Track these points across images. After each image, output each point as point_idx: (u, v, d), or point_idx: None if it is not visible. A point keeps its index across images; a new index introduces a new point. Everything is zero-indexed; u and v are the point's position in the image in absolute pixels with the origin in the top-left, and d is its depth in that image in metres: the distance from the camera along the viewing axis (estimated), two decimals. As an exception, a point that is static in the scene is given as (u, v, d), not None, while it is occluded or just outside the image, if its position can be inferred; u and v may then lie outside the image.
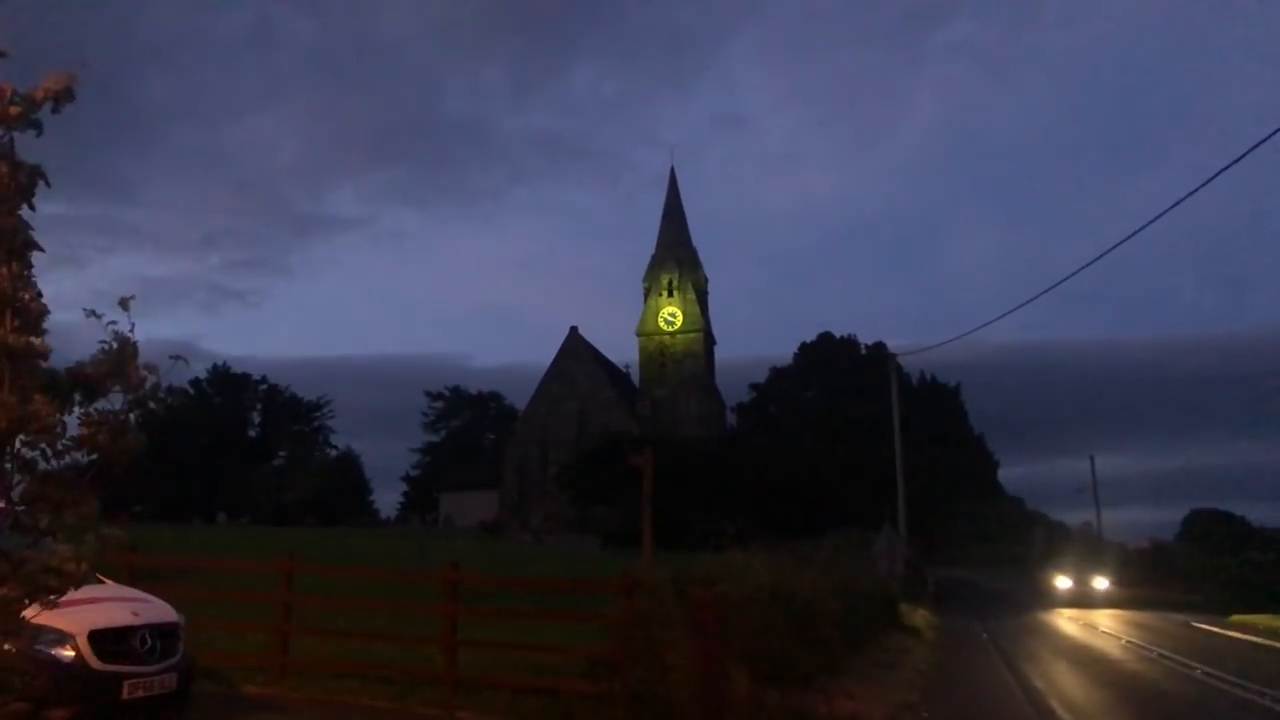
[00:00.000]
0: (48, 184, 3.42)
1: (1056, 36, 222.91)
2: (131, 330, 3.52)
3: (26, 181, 3.36)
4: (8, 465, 3.35)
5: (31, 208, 3.40)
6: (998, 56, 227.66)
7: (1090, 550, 42.85)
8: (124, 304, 3.50)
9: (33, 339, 3.34)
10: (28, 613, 3.45)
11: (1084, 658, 19.43)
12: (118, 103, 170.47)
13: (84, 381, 3.50)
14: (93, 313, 3.49)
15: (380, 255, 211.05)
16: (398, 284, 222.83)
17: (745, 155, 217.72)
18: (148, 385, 3.60)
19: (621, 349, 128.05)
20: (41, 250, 3.43)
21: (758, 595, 11.72)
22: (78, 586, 3.51)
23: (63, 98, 3.40)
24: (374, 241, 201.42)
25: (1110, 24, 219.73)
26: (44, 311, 3.42)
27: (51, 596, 3.41)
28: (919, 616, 25.60)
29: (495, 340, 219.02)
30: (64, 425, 3.44)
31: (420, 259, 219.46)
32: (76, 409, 3.53)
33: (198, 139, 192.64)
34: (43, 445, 3.39)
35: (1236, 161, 15.56)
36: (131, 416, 3.57)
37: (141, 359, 3.56)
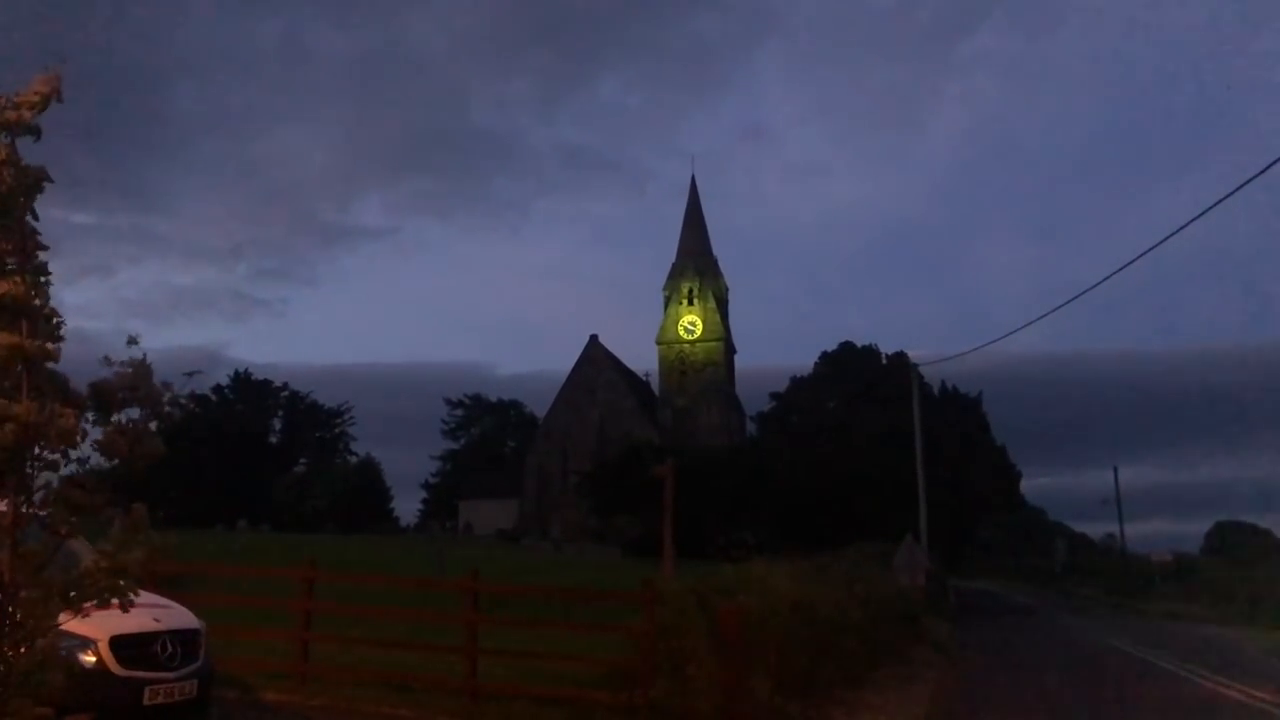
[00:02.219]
0: (50, 180, 3.43)
1: (1082, 46, 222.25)
2: (144, 358, 3.62)
3: (31, 183, 3.37)
4: (30, 469, 3.36)
5: (35, 216, 3.42)
6: (1024, 67, 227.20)
7: None
8: (132, 341, 3.61)
9: (47, 344, 3.35)
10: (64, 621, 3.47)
11: None
12: (148, 114, 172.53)
13: (104, 396, 3.54)
14: (133, 339, 3.62)
15: (406, 265, 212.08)
16: (423, 293, 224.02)
17: (769, 166, 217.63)
18: (165, 399, 3.66)
19: (644, 358, 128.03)
20: (46, 248, 3.44)
21: (779, 607, 11.64)
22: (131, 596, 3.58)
23: (51, 99, 3.42)
24: (400, 251, 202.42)
25: (1137, 33, 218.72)
26: (56, 316, 3.44)
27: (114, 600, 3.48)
28: (941, 630, 25.39)
29: (520, 349, 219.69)
30: (84, 431, 3.46)
31: (446, 269, 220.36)
32: (94, 423, 3.57)
33: (226, 150, 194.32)
34: (62, 450, 3.40)
35: (1263, 172, 15.37)
36: (151, 425, 3.61)
37: (159, 376, 3.65)
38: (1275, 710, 13.83)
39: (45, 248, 3.45)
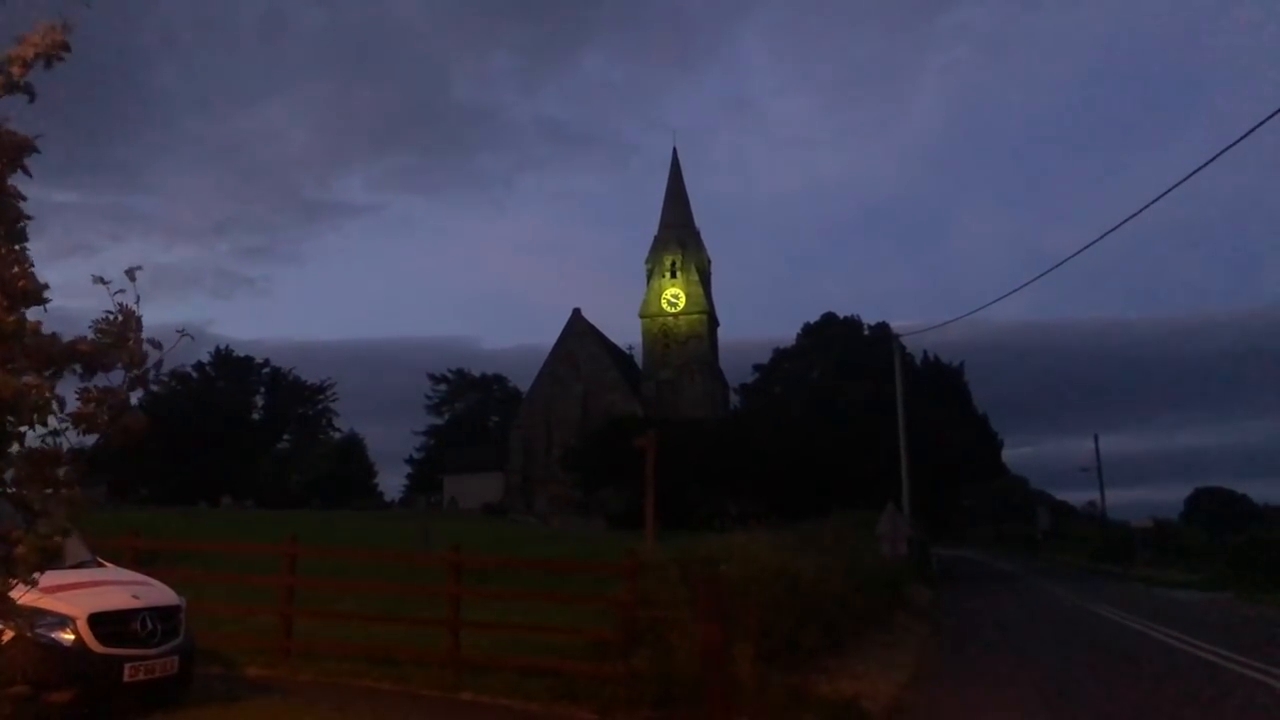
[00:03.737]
0: (36, 151, 3.30)
1: (1062, 19, 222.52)
2: (136, 303, 3.40)
3: (14, 150, 3.25)
4: (11, 448, 3.29)
5: (27, 174, 3.29)
6: (1004, 40, 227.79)
7: None
8: (130, 274, 3.37)
9: (25, 318, 3.25)
10: (21, 596, 3.40)
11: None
12: (129, 92, 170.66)
13: (82, 355, 3.40)
14: (99, 279, 3.36)
15: (390, 241, 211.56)
16: (408, 269, 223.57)
17: (752, 139, 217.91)
18: (150, 361, 3.51)
19: (628, 331, 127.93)
20: (29, 218, 3.32)
21: (761, 575, 11.70)
22: (53, 563, 3.45)
23: (54, 53, 3.26)
24: (383, 227, 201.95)
25: (1116, 6, 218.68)
26: (37, 288, 3.32)
27: (35, 575, 3.35)
28: (924, 596, 25.62)
29: (504, 323, 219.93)
30: (60, 402, 3.36)
31: (430, 244, 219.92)
32: (80, 376, 3.43)
33: (208, 127, 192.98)
34: (34, 424, 3.31)
35: (1237, 143, 15.37)
36: (132, 395, 3.48)
37: (146, 334, 3.46)
38: (1240, 668, 14.07)
39: (28, 218, 3.30)
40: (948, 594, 29.92)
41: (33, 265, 3.31)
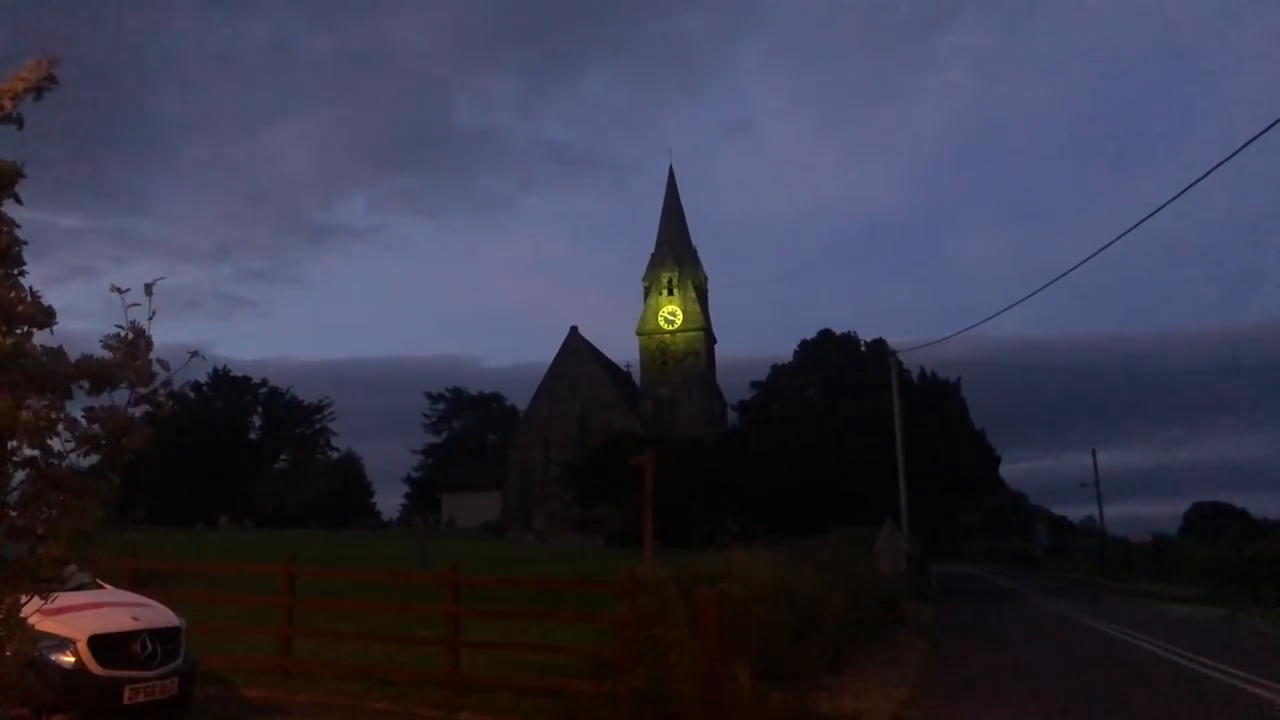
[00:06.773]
0: (22, 176, 3.33)
1: (1057, 40, 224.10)
2: (151, 319, 3.39)
3: (4, 179, 3.29)
4: (4, 468, 3.30)
5: (18, 200, 3.32)
6: (1000, 61, 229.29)
7: None
8: (148, 289, 3.35)
9: (22, 341, 3.27)
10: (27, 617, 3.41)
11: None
12: (134, 117, 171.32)
13: (88, 372, 3.41)
14: (116, 288, 3.32)
15: (392, 263, 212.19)
16: (409, 290, 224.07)
17: (751, 159, 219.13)
18: (159, 380, 3.52)
19: (627, 349, 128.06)
20: (24, 242, 3.34)
21: (761, 593, 11.70)
22: (67, 585, 3.47)
23: (44, 86, 3.31)
24: (385, 249, 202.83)
25: (1110, 26, 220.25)
26: (41, 312, 3.33)
27: (49, 598, 3.37)
28: (922, 613, 25.57)
29: (505, 342, 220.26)
30: (65, 421, 3.37)
31: (432, 266, 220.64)
32: (87, 393, 3.44)
33: (212, 152, 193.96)
34: (38, 448, 3.32)
35: (1230, 158, 15.45)
36: (135, 413, 3.49)
37: (155, 354, 3.47)
38: (1237, 682, 14.05)
39: (22, 242, 3.33)
40: (947, 610, 29.86)
41: (34, 290, 3.33)
